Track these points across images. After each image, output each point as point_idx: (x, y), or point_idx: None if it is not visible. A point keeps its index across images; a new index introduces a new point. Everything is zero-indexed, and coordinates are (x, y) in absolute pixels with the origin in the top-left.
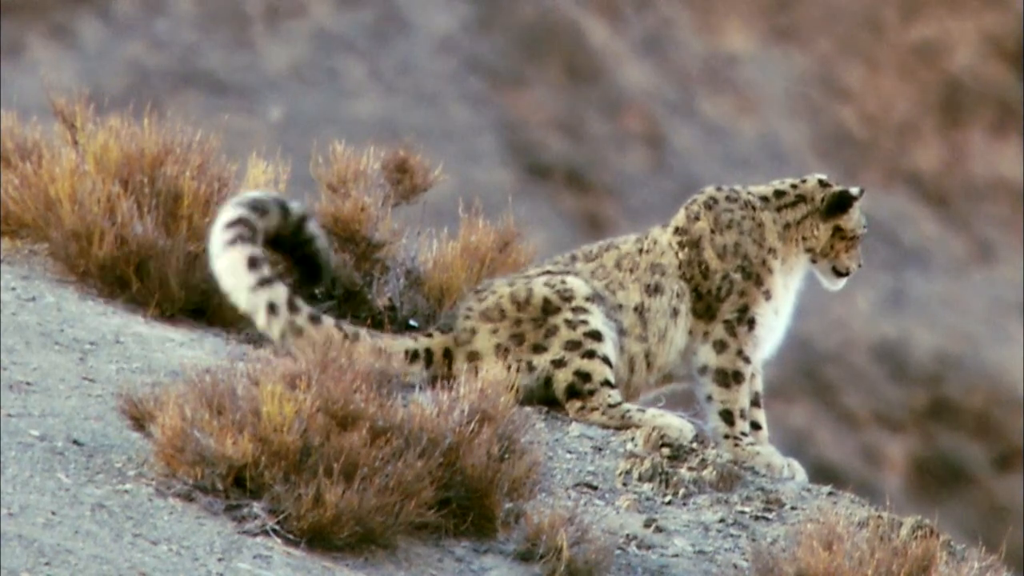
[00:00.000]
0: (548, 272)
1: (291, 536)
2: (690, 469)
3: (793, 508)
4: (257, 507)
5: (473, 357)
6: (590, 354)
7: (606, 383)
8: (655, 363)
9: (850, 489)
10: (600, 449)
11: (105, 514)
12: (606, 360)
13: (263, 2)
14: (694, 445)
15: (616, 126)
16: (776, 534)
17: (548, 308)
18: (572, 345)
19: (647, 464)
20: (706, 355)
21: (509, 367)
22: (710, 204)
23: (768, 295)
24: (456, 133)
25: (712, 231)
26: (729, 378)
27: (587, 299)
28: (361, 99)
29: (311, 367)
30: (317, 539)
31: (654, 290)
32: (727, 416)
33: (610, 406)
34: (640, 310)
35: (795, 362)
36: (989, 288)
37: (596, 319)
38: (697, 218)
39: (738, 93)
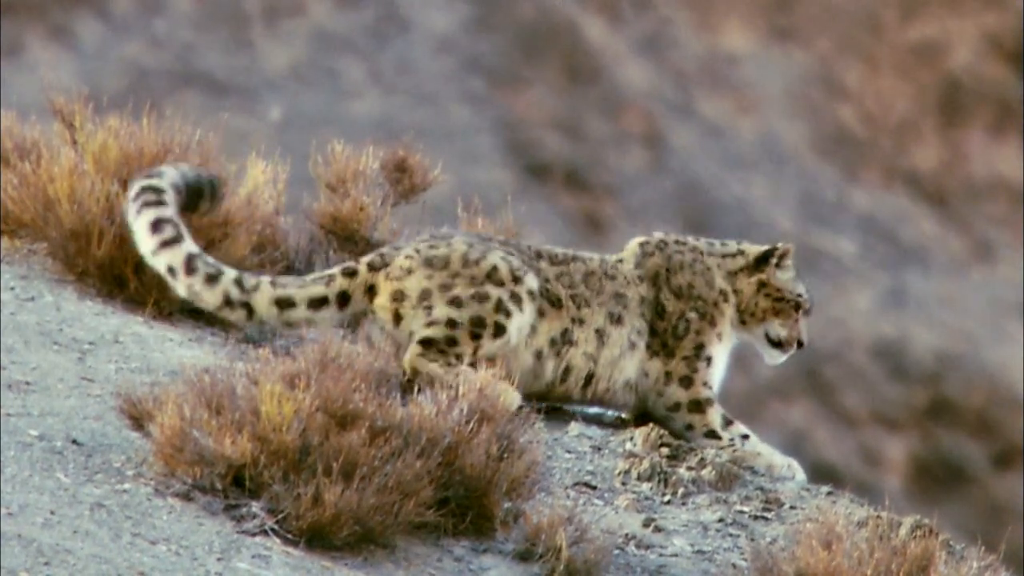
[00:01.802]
0: (511, 254)
1: (290, 536)
2: (689, 469)
3: (792, 508)
4: (256, 507)
5: (398, 296)
6: (476, 336)
7: (459, 357)
8: (594, 385)
9: (849, 489)
10: (599, 448)
11: (104, 514)
12: (476, 350)
13: (262, 2)
14: (693, 445)
15: (615, 126)
16: (775, 534)
17: (492, 276)
18: (478, 322)
19: (646, 464)
20: (675, 393)
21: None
22: (661, 246)
23: (720, 337)
24: (455, 133)
25: (667, 271)
26: (703, 405)
27: (530, 292)
28: (360, 99)
29: (310, 366)
30: (316, 538)
31: (616, 320)
32: (713, 435)
33: (449, 364)
34: (600, 333)
35: (794, 361)
36: (988, 288)
37: (518, 320)
38: (652, 254)
39: (737, 93)
